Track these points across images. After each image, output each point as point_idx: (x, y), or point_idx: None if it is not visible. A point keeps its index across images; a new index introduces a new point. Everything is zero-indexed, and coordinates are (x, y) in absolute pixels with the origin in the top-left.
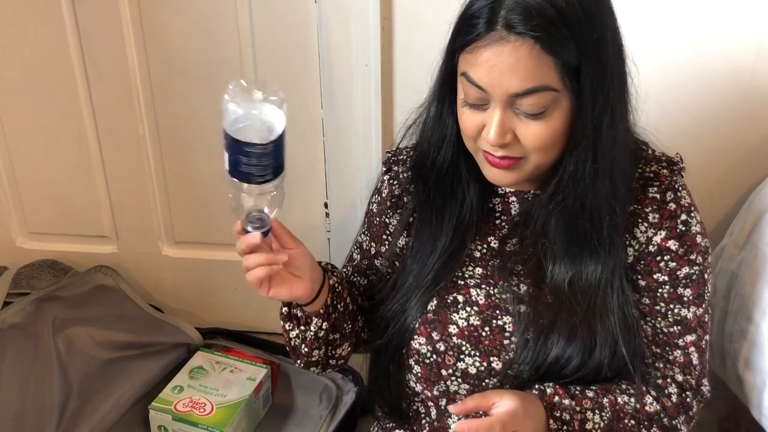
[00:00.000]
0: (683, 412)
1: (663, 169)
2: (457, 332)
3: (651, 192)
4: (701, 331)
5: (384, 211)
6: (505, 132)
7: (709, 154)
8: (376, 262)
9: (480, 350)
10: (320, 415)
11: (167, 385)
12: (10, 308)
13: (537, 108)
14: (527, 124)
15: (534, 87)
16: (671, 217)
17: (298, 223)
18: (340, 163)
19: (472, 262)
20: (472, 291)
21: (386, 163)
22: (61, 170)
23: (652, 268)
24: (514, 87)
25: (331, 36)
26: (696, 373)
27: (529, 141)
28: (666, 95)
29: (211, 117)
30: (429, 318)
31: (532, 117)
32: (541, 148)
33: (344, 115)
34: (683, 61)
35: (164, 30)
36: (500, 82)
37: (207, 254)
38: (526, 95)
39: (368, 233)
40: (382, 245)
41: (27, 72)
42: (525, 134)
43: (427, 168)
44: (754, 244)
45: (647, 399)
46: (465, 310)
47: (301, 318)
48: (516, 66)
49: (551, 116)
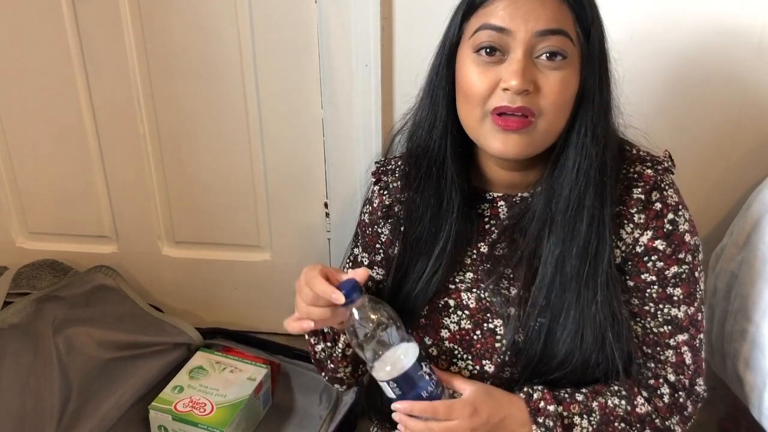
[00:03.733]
0: (677, 413)
1: (647, 170)
2: (449, 336)
3: (635, 193)
4: (694, 330)
5: (376, 221)
6: (528, 79)
7: (709, 154)
8: (371, 272)
9: (472, 353)
10: (320, 415)
11: (167, 385)
12: (10, 308)
13: (559, 49)
14: (546, 74)
15: (557, 28)
16: (657, 216)
17: (298, 223)
18: (340, 163)
19: (463, 267)
20: (463, 295)
21: (375, 174)
22: (61, 170)
23: (640, 269)
24: (541, 24)
25: (331, 36)
26: (689, 373)
27: (548, 91)
28: (666, 95)
29: (211, 117)
30: (421, 323)
31: (553, 64)
32: (556, 103)
33: (344, 115)
34: (683, 60)
35: (164, 30)
36: (526, 20)
37: (207, 254)
38: (550, 34)
39: (361, 244)
40: (376, 254)
41: (27, 72)
42: (545, 84)
43: (413, 177)
44: (754, 244)
45: (638, 400)
46: (456, 314)
47: (328, 334)
48: (542, 5)
49: (567, 69)
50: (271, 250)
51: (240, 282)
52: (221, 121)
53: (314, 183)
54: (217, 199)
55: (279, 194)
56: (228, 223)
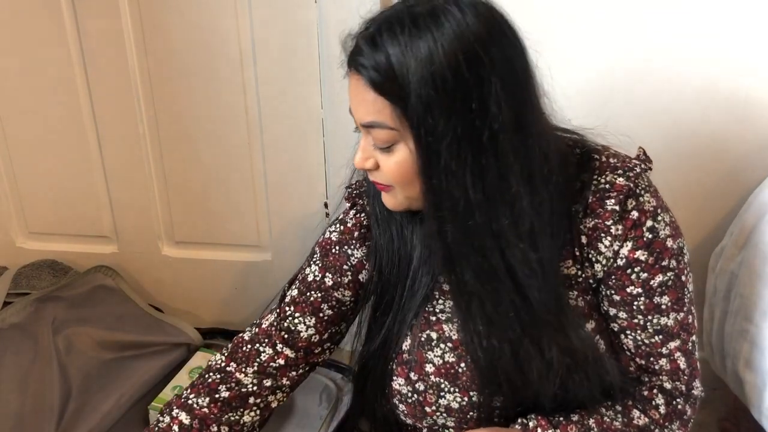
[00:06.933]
0: (677, 419)
1: (618, 179)
2: (434, 371)
3: (609, 204)
4: (685, 334)
5: (348, 241)
6: (366, 157)
7: (709, 154)
8: (336, 293)
9: (458, 386)
10: (320, 415)
11: (167, 385)
12: (10, 308)
13: (381, 142)
14: (380, 155)
15: (372, 122)
16: (635, 226)
17: (298, 224)
18: (340, 163)
19: (443, 295)
20: (444, 327)
21: (349, 198)
22: (61, 170)
23: (624, 282)
24: (359, 117)
25: (331, 36)
26: (685, 378)
27: (386, 171)
28: (665, 95)
29: (211, 117)
30: (405, 359)
31: (383, 150)
32: (396, 182)
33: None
34: (683, 60)
35: (164, 30)
36: (354, 110)
37: (207, 254)
38: (370, 127)
39: (321, 264)
40: (342, 276)
41: (27, 72)
42: (383, 165)
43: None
44: (754, 245)
45: (634, 413)
46: (440, 347)
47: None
48: (358, 98)
49: (398, 152)
50: (271, 250)
51: (240, 282)
52: (221, 121)
53: (314, 183)
54: (217, 199)
55: (279, 194)
56: (228, 223)
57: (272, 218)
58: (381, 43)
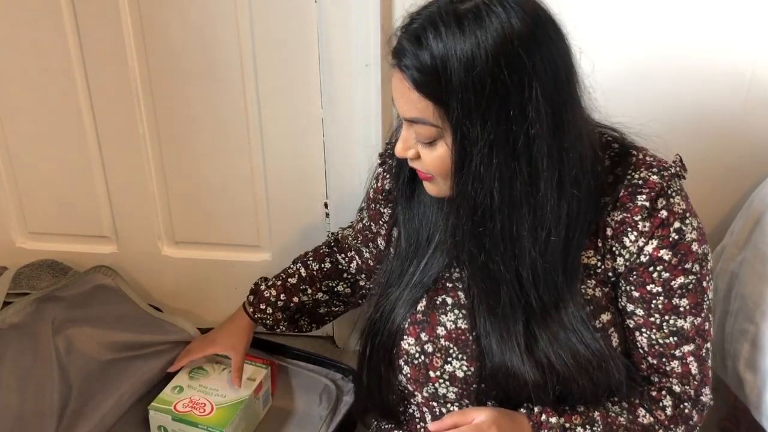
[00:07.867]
0: (682, 423)
1: (652, 176)
2: (445, 334)
3: (640, 200)
4: (700, 340)
5: (378, 200)
6: (407, 147)
7: (709, 154)
8: (378, 240)
9: (467, 354)
10: (320, 415)
11: (167, 385)
12: (10, 308)
13: (423, 137)
14: (422, 148)
15: (414, 118)
16: (663, 225)
17: (298, 223)
18: (340, 163)
19: (460, 264)
20: (460, 294)
21: (382, 156)
22: (61, 170)
23: (645, 279)
24: (403, 112)
25: (331, 36)
26: (695, 383)
27: (427, 163)
28: (665, 95)
29: (211, 117)
30: (418, 318)
31: (424, 144)
32: (437, 173)
33: (344, 115)
34: (683, 60)
35: (164, 30)
36: (398, 104)
37: (207, 254)
38: (412, 123)
39: (367, 214)
40: (381, 228)
41: (27, 72)
42: (424, 157)
43: (398, 169)
44: (754, 244)
45: (640, 411)
46: (453, 313)
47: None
48: (402, 94)
49: (439, 146)
50: (271, 250)
51: (240, 282)
52: (221, 121)
53: (314, 183)
54: (217, 199)
55: (279, 194)
56: (228, 223)
57: (272, 218)
58: (424, 44)
